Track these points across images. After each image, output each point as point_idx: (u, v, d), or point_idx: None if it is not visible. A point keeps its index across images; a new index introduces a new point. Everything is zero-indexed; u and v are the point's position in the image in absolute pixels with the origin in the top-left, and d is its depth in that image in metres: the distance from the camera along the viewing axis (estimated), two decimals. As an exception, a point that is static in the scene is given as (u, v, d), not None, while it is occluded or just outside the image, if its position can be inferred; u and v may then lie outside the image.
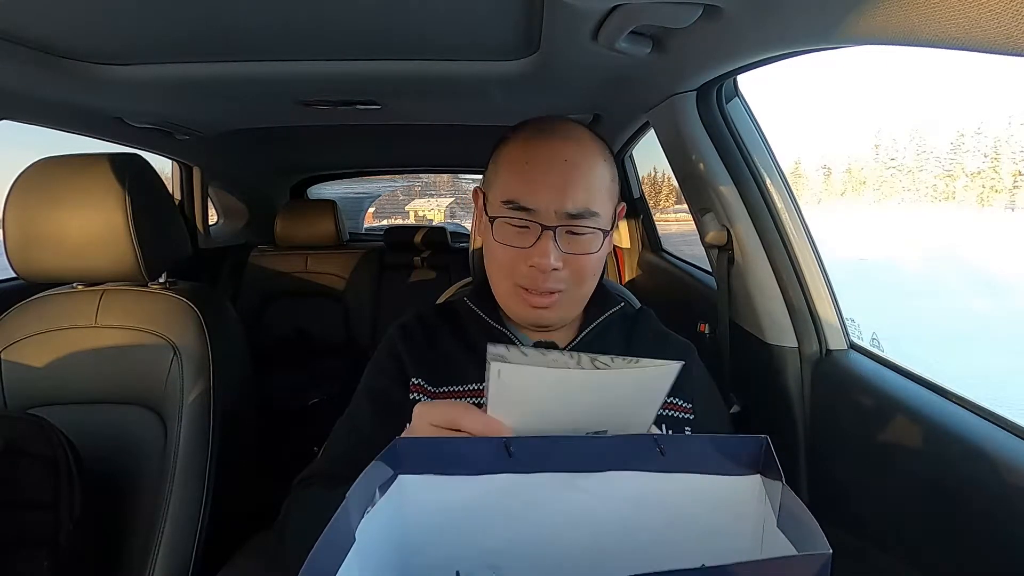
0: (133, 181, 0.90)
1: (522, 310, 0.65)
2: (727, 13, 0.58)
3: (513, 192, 0.62)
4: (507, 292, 0.66)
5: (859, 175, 73.35)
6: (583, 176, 0.61)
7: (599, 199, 0.62)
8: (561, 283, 0.63)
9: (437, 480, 0.37)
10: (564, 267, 0.62)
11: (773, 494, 0.36)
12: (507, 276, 0.64)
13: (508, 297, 0.66)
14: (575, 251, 0.62)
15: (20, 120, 1.11)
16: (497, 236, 0.63)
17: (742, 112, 0.93)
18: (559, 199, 0.60)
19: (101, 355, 0.92)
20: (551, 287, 0.62)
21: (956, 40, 0.37)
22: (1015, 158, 72.53)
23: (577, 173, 0.61)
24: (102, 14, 0.71)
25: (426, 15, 0.73)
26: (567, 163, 0.61)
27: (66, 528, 0.73)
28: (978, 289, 13.87)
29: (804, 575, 0.29)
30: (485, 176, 0.69)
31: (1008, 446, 0.54)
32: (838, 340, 0.86)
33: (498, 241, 0.63)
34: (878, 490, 0.69)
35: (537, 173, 0.61)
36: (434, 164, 2.64)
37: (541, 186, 0.61)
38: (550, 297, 0.63)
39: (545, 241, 0.60)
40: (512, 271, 0.63)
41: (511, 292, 0.65)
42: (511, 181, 0.63)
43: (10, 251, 0.90)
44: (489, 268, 0.68)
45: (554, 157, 0.61)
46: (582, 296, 0.67)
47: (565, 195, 0.60)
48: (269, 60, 0.89)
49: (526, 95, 1.08)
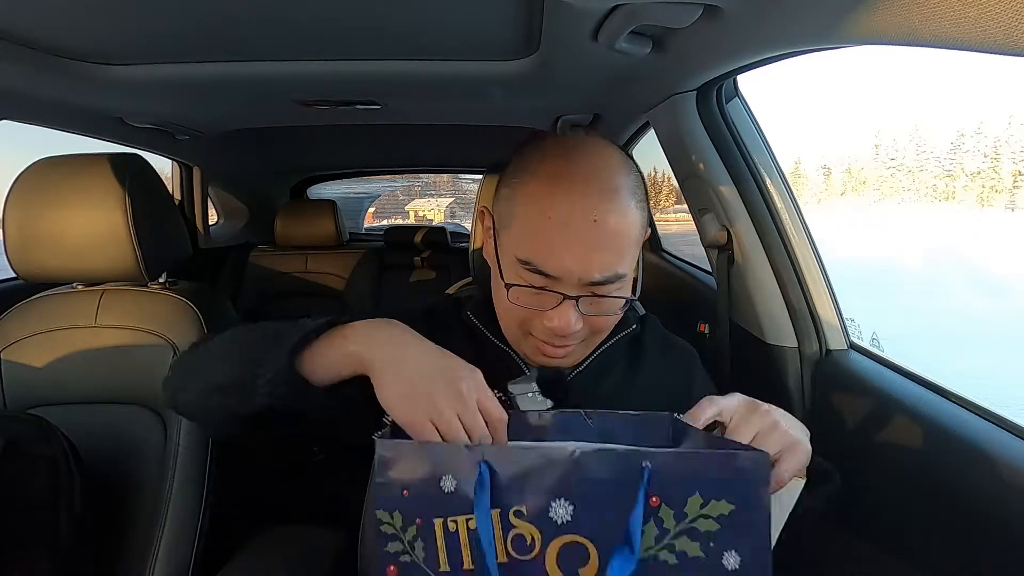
0: (133, 181, 0.90)
1: (533, 353, 0.62)
2: (727, 13, 0.58)
3: (530, 252, 0.54)
4: (518, 336, 0.62)
5: (859, 175, 73.35)
6: (613, 238, 0.54)
7: (628, 258, 0.56)
8: (579, 336, 0.59)
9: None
10: (584, 326, 0.57)
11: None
12: (519, 329, 0.60)
13: (518, 340, 0.63)
14: (597, 313, 0.57)
15: (20, 120, 1.11)
16: (512, 296, 0.57)
17: (742, 112, 0.93)
18: (584, 267, 0.53)
19: (101, 355, 0.92)
20: (568, 342, 0.59)
21: (956, 40, 0.37)
22: (1015, 158, 72.53)
23: (607, 234, 0.53)
24: (102, 14, 0.71)
25: (426, 15, 0.73)
26: (596, 224, 0.53)
27: (66, 528, 0.73)
28: (978, 289, 13.87)
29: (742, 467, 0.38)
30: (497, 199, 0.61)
31: (1008, 446, 0.54)
32: (838, 340, 0.86)
33: (512, 302, 0.57)
34: (878, 490, 0.69)
35: (559, 234, 0.53)
36: (434, 164, 2.64)
37: (564, 252, 0.53)
38: (565, 348, 0.60)
39: (566, 309, 0.55)
40: (529, 327, 0.59)
41: (522, 336, 0.61)
42: (529, 238, 0.55)
43: (10, 251, 0.90)
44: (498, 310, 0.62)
45: (581, 215, 0.53)
46: (598, 341, 0.64)
47: (591, 263, 0.53)
48: (269, 60, 0.89)
49: (526, 95, 1.08)
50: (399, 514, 0.40)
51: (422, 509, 0.40)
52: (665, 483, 0.38)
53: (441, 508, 0.40)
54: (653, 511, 0.38)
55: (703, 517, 0.38)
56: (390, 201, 7.67)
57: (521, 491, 0.39)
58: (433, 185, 8.62)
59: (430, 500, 0.40)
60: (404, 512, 0.40)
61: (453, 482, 0.40)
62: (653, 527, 0.38)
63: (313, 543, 0.87)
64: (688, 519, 0.38)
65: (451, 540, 0.39)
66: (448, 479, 0.40)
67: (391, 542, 0.40)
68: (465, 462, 0.40)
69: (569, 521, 0.39)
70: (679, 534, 0.38)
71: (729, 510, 0.38)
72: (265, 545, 0.87)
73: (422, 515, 0.40)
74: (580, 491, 0.39)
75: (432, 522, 0.40)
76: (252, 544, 0.87)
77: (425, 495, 0.40)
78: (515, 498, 0.39)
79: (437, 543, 0.40)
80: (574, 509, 0.39)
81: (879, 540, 0.68)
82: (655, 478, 0.38)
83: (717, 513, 0.38)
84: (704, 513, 0.38)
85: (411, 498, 0.40)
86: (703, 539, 0.38)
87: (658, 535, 0.38)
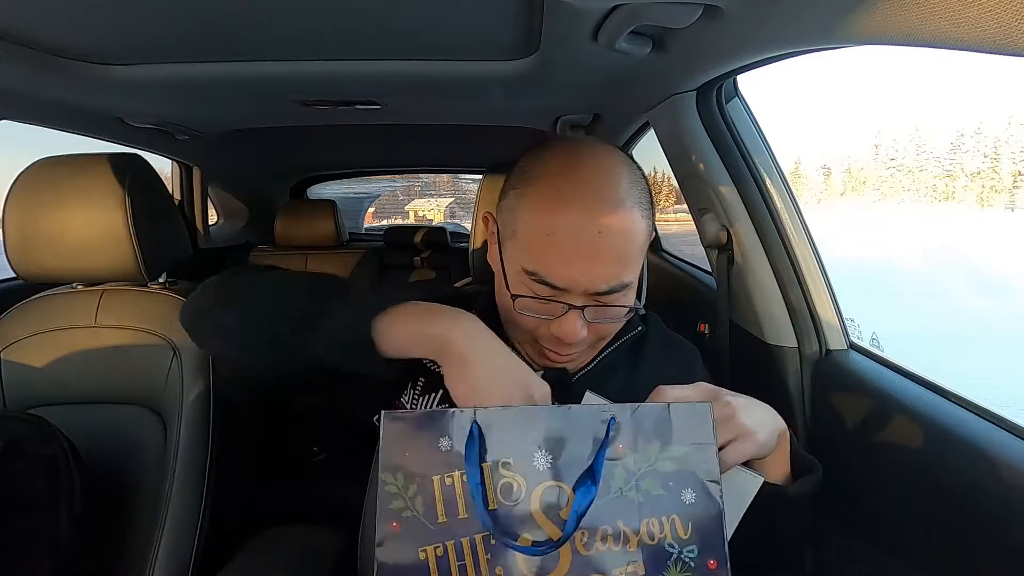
0: (133, 181, 0.90)
1: (537, 356, 0.63)
2: (727, 13, 0.58)
3: (536, 264, 0.55)
4: (523, 340, 0.63)
5: (859, 175, 73.35)
6: (618, 249, 0.54)
7: (634, 267, 0.56)
8: (584, 343, 0.59)
9: None
10: (589, 332, 0.58)
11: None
12: (527, 335, 0.61)
13: (524, 344, 0.64)
14: (603, 320, 0.58)
15: (20, 120, 1.11)
16: (519, 306, 0.57)
17: (742, 112, 0.93)
18: (590, 279, 0.54)
19: (101, 355, 0.92)
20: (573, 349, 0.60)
21: (956, 40, 0.38)
22: (1015, 158, 72.54)
23: (612, 246, 0.54)
24: (102, 14, 0.71)
25: (426, 15, 0.73)
26: (601, 236, 0.53)
27: (66, 528, 0.73)
28: (978, 289, 13.87)
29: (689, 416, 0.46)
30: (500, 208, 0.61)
31: (1008, 446, 0.54)
32: (838, 340, 0.86)
33: (519, 311, 0.57)
34: (878, 490, 0.69)
35: (565, 248, 0.53)
36: (434, 164, 2.64)
37: (569, 265, 0.54)
38: (570, 354, 0.61)
39: (572, 318, 0.55)
40: (535, 332, 0.60)
41: (528, 341, 0.62)
42: (535, 251, 0.55)
43: (10, 251, 0.90)
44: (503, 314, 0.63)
45: (586, 228, 0.53)
46: (603, 344, 0.65)
47: (596, 275, 0.54)
48: (269, 60, 0.89)
49: (526, 95, 1.08)
50: (401, 474, 0.45)
51: (422, 468, 0.45)
52: (629, 433, 0.46)
53: (439, 466, 0.45)
54: (620, 456, 0.45)
55: (663, 460, 0.45)
56: (390, 201, 7.67)
57: (509, 446, 0.46)
58: (433, 185, 8.62)
59: (429, 460, 0.45)
60: (406, 472, 0.45)
61: (449, 442, 0.45)
62: (622, 470, 0.45)
63: (313, 543, 0.87)
64: (651, 463, 0.45)
65: (447, 493, 0.45)
66: (445, 439, 0.46)
67: (394, 501, 0.45)
68: (460, 424, 0.46)
69: (549, 468, 0.45)
70: (644, 475, 0.45)
71: (683, 452, 0.45)
72: (265, 545, 0.87)
73: (422, 474, 0.45)
74: (557, 443, 0.46)
75: (431, 479, 0.45)
76: (252, 544, 0.87)
77: (425, 455, 0.45)
78: (504, 452, 0.46)
79: (435, 496, 0.45)
80: (552, 458, 0.45)
81: (879, 540, 0.68)
82: (620, 430, 0.46)
83: (673, 456, 0.45)
84: (663, 456, 0.45)
85: (411, 459, 0.45)
86: (663, 478, 0.45)
87: (626, 477, 0.45)
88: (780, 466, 0.56)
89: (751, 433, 0.50)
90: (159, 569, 0.83)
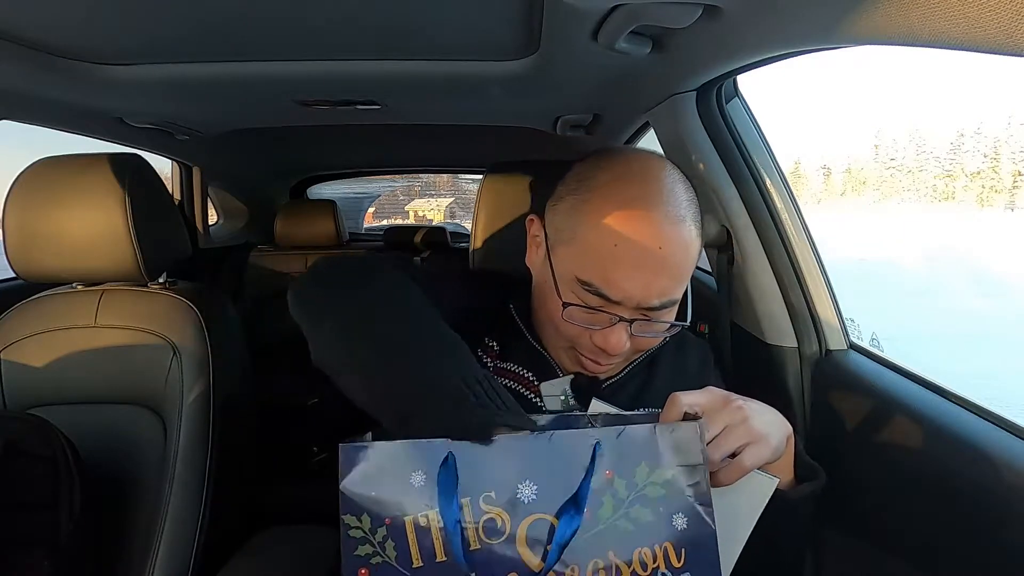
0: (133, 181, 0.90)
1: (571, 363, 0.62)
2: (727, 13, 0.58)
3: (592, 275, 0.54)
4: (561, 347, 0.62)
5: (859, 175, 73.36)
6: (676, 264, 0.55)
7: (685, 283, 0.57)
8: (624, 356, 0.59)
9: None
10: (632, 344, 0.58)
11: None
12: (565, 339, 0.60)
13: (560, 351, 0.63)
14: (647, 334, 0.58)
15: (20, 120, 1.11)
16: (567, 315, 0.56)
17: (742, 112, 0.93)
18: (644, 294, 0.54)
19: (101, 355, 0.92)
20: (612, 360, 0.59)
21: (956, 40, 0.37)
22: (1015, 158, 72.55)
23: (671, 263, 0.54)
24: (102, 14, 0.71)
25: (426, 15, 0.73)
26: (661, 252, 0.53)
27: (66, 528, 0.73)
28: (978, 289, 13.88)
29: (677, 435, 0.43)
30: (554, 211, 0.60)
31: (1008, 446, 0.54)
32: (838, 340, 0.86)
33: (566, 319, 0.56)
34: (878, 490, 0.69)
35: (626, 262, 0.53)
36: (434, 164, 2.64)
37: (627, 279, 0.53)
38: (609, 364, 0.60)
39: (619, 331, 0.55)
40: (577, 341, 0.59)
41: (565, 348, 0.61)
42: (593, 261, 0.55)
43: (10, 251, 0.90)
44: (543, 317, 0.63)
45: (649, 243, 0.53)
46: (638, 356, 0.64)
47: (652, 290, 0.54)
48: (269, 60, 0.89)
49: (526, 95, 1.08)
50: (367, 516, 0.40)
51: (392, 508, 0.41)
52: (615, 457, 0.43)
53: (411, 505, 0.41)
54: (608, 483, 0.42)
55: (651, 484, 0.43)
56: (390, 201, 7.66)
57: (489, 478, 0.41)
58: (433, 185, 8.61)
59: (400, 498, 0.41)
60: (372, 514, 0.40)
61: (422, 477, 0.41)
62: (610, 498, 0.42)
63: (313, 543, 0.87)
64: (639, 488, 0.42)
65: (423, 535, 0.40)
66: (418, 475, 0.41)
67: (360, 546, 0.40)
68: (433, 456, 0.41)
69: (534, 499, 0.42)
70: (633, 502, 0.42)
71: (671, 474, 0.43)
72: (265, 545, 0.87)
73: (392, 514, 0.41)
74: (542, 471, 0.42)
75: (402, 520, 0.40)
76: (252, 544, 0.87)
77: (394, 494, 0.41)
78: (484, 485, 0.41)
79: (408, 539, 0.40)
80: (538, 488, 0.42)
81: (879, 540, 0.68)
82: (606, 454, 0.42)
83: (662, 479, 0.43)
84: (651, 480, 0.43)
85: (379, 498, 0.41)
86: (653, 504, 0.42)
87: (615, 504, 0.42)
88: (786, 471, 0.55)
89: (765, 436, 0.49)
90: (159, 569, 0.83)
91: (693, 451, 0.44)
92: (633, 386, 0.67)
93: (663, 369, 0.69)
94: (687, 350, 0.73)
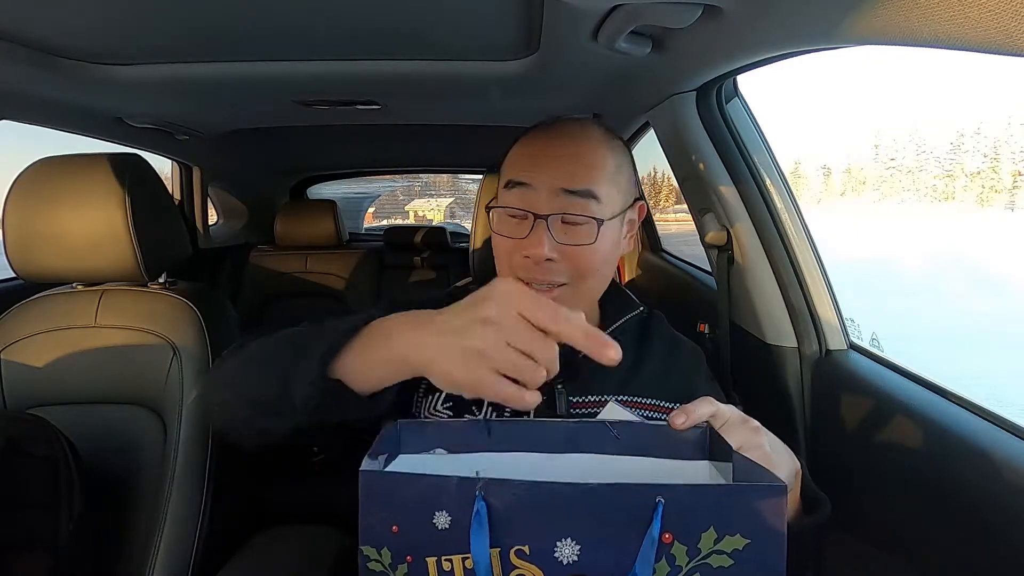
0: (133, 181, 0.90)
1: None
2: (727, 13, 0.58)
3: (513, 171, 0.63)
4: None
5: (859, 175, 73.35)
6: (583, 153, 0.62)
7: (600, 180, 0.62)
8: (561, 275, 0.62)
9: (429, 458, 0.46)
10: (561, 260, 0.61)
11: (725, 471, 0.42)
12: (507, 268, 0.65)
13: None
14: (570, 241, 0.61)
15: (20, 120, 1.11)
16: (496, 227, 0.64)
17: (742, 112, 0.93)
18: (557, 173, 0.61)
19: (101, 355, 0.92)
20: (550, 279, 0.62)
21: (956, 40, 0.37)
22: (1015, 158, 72.55)
23: (577, 149, 0.62)
24: (102, 14, 0.71)
25: (426, 15, 0.73)
26: (568, 139, 0.63)
27: (66, 528, 0.73)
28: (978, 289, 13.87)
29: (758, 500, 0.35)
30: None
31: (1008, 446, 0.54)
32: (838, 340, 0.86)
33: (496, 232, 0.64)
34: (878, 490, 0.69)
35: (537, 149, 0.63)
36: (434, 164, 2.64)
37: (540, 160, 0.62)
38: (550, 292, 0.62)
39: (539, 231, 0.60)
40: (511, 262, 0.64)
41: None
42: (512, 161, 0.65)
43: (10, 251, 0.90)
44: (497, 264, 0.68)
45: (557, 136, 0.63)
46: (587, 291, 0.65)
47: (562, 169, 0.61)
48: (269, 60, 0.89)
49: (526, 95, 1.08)
50: (387, 551, 0.37)
51: (413, 547, 0.37)
52: (679, 518, 0.35)
53: (434, 547, 0.37)
54: (666, 548, 0.35)
55: (716, 553, 0.36)
56: (390, 201, 7.66)
57: (523, 529, 0.36)
58: (433, 185, 8.60)
59: (422, 538, 0.37)
60: (393, 549, 0.37)
61: (448, 519, 0.37)
62: (665, 565, 0.36)
63: (313, 543, 0.87)
64: (701, 555, 0.36)
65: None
66: (442, 515, 0.37)
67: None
68: (461, 496, 0.36)
69: (576, 561, 0.36)
70: (691, 571, 0.36)
71: (744, 544, 0.35)
72: (265, 545, 0.87)
73: (413, 553, 0.37)
74: (587, 529, 0.36)
75: (424, 561, 0.37)
76: (252, 544, 0.87)
77: (416, 532, 0.37)
78: (517, 536, 0.36)
79: None
80: (581, 549, 0.36)
81: (879, 540, 0.68)
82: (669, 513, 0.35)
83: (731, 548, 0.35)
84: (718, 548, 0.35)
85: (401, 535, 0.37)
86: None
87: (670, 572, 0.36)
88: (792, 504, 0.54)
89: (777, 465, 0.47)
90: (159, 569, 0.83)
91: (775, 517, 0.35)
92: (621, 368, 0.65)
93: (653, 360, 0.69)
94: (680, 351, 0.72)
